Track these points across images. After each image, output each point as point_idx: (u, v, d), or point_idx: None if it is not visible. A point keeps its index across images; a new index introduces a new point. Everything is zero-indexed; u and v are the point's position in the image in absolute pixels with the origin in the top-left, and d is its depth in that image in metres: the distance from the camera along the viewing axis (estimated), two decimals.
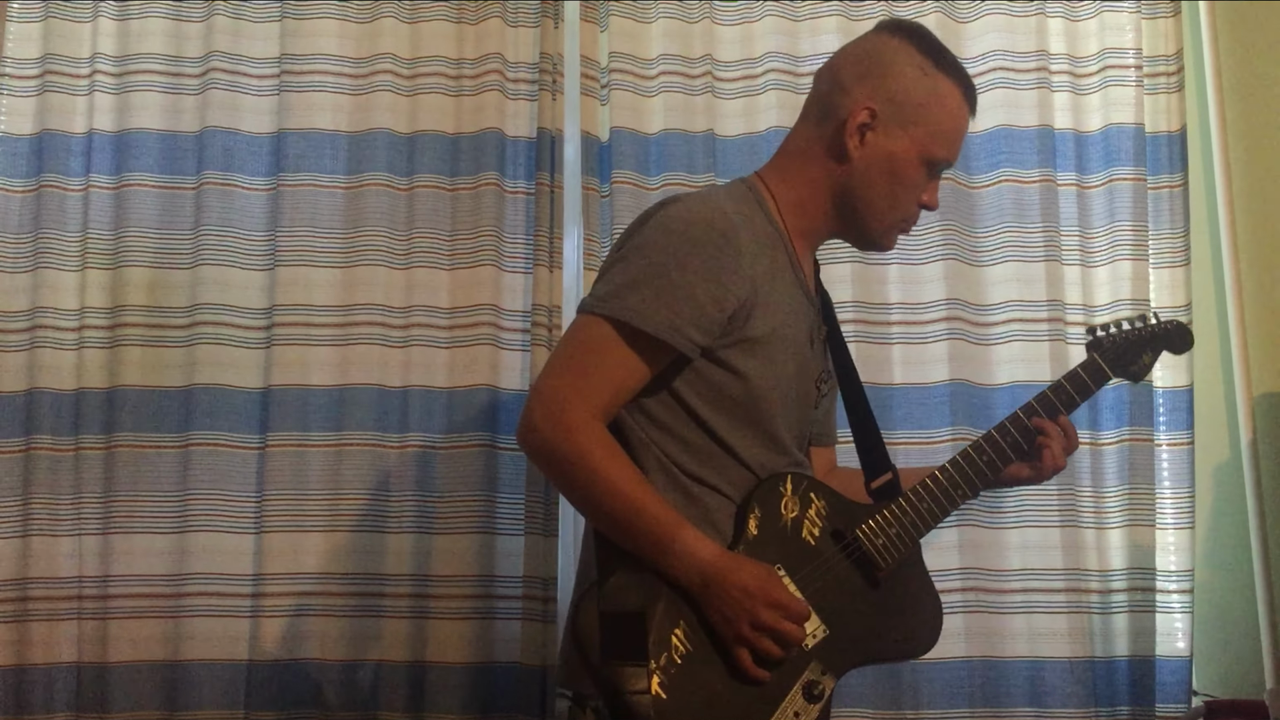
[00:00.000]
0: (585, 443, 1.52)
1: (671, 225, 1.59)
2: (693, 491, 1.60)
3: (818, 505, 1.63)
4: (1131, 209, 2.50)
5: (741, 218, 1.61)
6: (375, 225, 2.47)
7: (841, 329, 1.85)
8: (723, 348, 1.58)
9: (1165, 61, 2.56)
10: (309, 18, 2.54)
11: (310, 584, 2.35)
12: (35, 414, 2.37)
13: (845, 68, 1.70)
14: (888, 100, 1.65)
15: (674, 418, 1.61)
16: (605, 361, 1.54)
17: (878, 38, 1.71)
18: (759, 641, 1.50)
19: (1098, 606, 2.40)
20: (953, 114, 1.68)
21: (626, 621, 1.48)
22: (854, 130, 1.65)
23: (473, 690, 2.31)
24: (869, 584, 1.63)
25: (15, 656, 2.31)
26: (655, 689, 1.47)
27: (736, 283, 1.56)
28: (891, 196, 1.68)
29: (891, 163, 1.66)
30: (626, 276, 1.56)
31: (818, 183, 1.69)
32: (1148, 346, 1.85)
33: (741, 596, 1.50)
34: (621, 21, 2.58)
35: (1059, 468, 1.74)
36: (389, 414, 2.41)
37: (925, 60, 1.66)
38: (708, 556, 1.51)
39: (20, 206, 2.46)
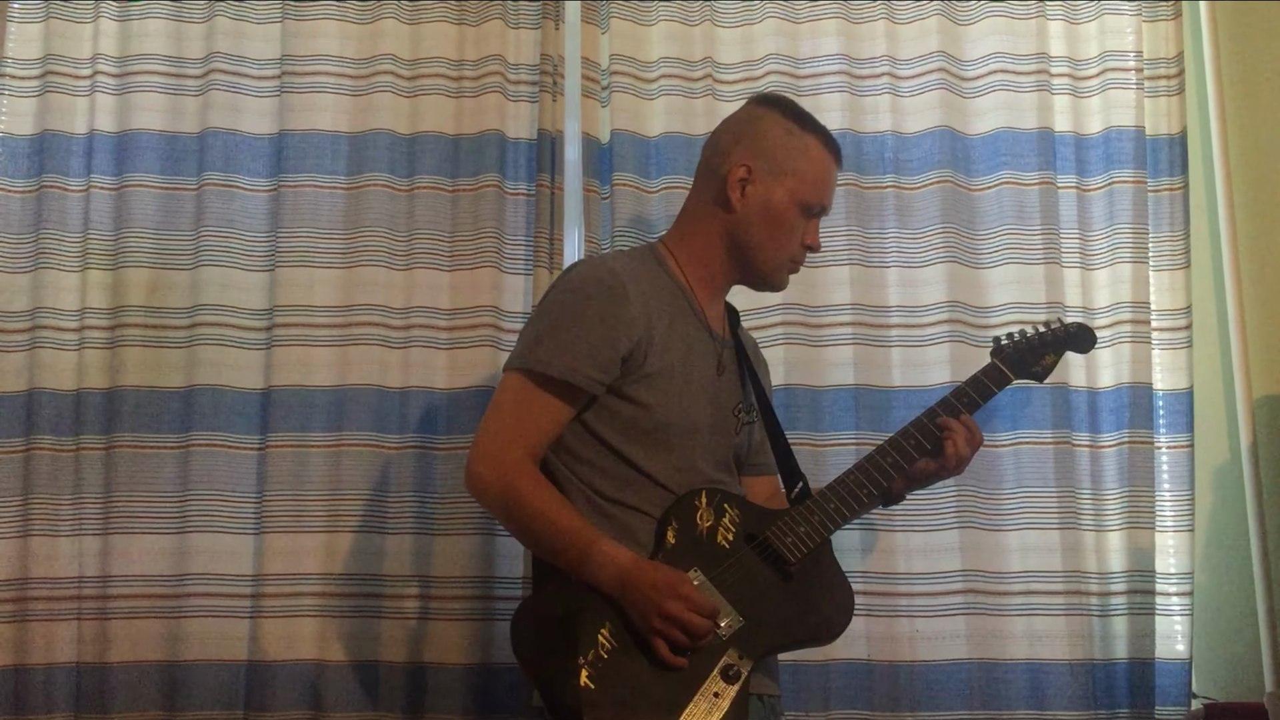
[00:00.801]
0: (515, 477, 1.77)
1: (567, 286, 1.86)
2: (614, 514, 1.81)
3: (731, 514, 1.84)
4: (1132, 212, 2.50)
5: (630, 274, 1.84)
6: (376, 226, 2.47)
7: (832, 335, 2.30)
8: (625, 384, 1.81)
9: (1166, 64, 2.56)
10: (310, 19, 2.55)
11: (310, 584, 2.35)
12: (36, 414, 2.37)
13: (724, 136, 1.97)
14: (761, 157, 1.91)
15: (592, 451, 1.83)
16: (527, 409, 1.79)
17: (750, 108, 1.99)
18: (670, 631, 1.69)
19: (1097, 609, 2.40)
20: (818, 165, 1.92)
21: (556, 625, 1.72)
22: (735, 184, 1.90)
23: (472, 691, 2.31)
24: (782, 578, 1.82)
25: (15, 656, 2.30)
26: (584, 681, 1.67)
27: (626, 326, 1.79)
28: (774, 240, 1.92)
29: (770, 210, 1.90)
30: (534, 334, 1.83)
31: (711, 235, 1.93)
32: (1049, 349, 2.07)
33: (652, 593, 1.69)
34: (622, 23, 2.58)
35: (962, 458, 1.93)
36: (389, 415, 2.41)
37: (790, 123, 1.93)
38: (623, 562, 1.73)
39: (21, 207, 2.47)
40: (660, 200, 2.52)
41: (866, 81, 2.58)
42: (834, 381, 2.47)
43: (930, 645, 2.38)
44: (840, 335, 2.48)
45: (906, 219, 2.53)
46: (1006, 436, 2.45)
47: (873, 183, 2.54)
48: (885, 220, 2.54)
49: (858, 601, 2.34)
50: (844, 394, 2.46)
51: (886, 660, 2.37)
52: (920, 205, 2.53)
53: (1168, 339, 2.49)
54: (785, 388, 2.45)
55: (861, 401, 2.45)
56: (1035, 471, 2.42)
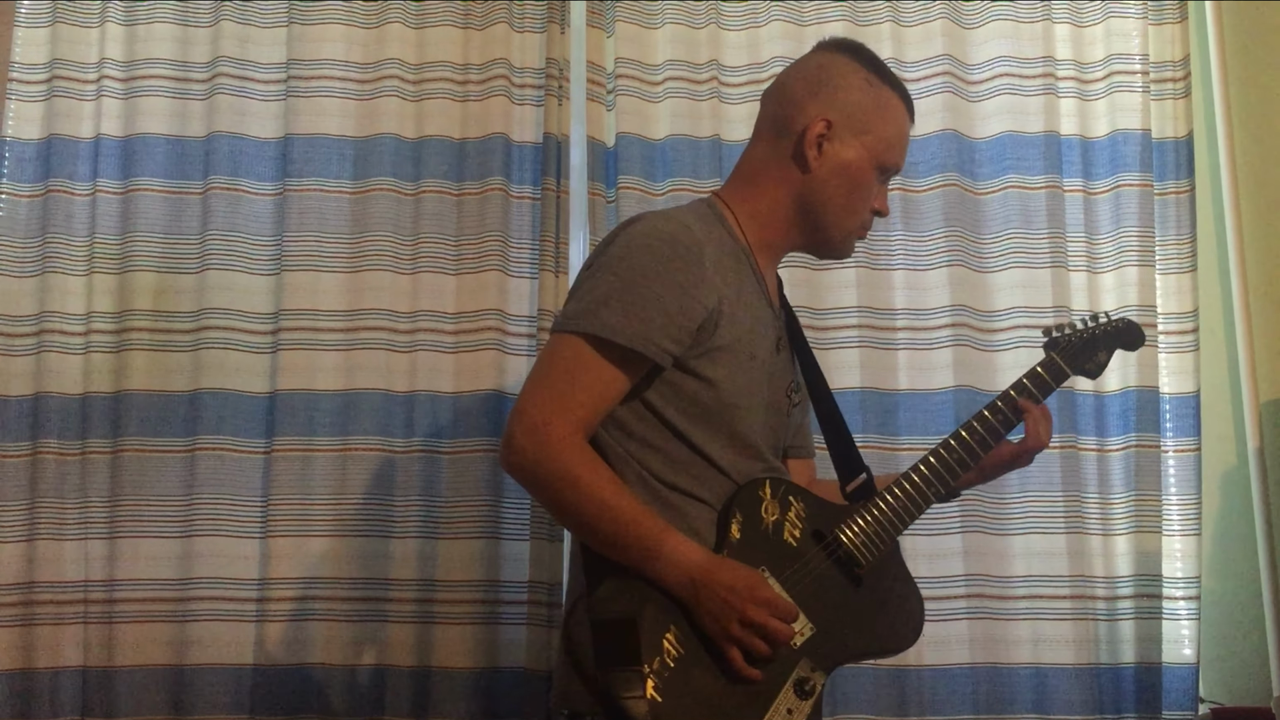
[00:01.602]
0: (568, 458, 1.55)
1: (637, 241, 1.64)
2: (672, 501, 1.63)
3: (797, 508, 1.67)
4: (1138, 215, 2.50)
5: (705, 232, 1.67)
6: (381, 230, 2.47)
7: (838, 338, 1.99)
8: (693, 357, 1.62)
9: (1172, 67, 2.56)
10: (316, 23, 2.55)
11: (315, 588, 2.35)
12: (42, 418, 2.38)
13: (796, 85, 1.77)
14: (842, 110, 1.73)
15: (650, 429, 1.65)
16: (582, 377, 1.58)
17: (823, 55, 1.79)
18: (749, 639, 1.53)
19: (1104, 613, 2.40)
20: (899, 121, 1.77)
21: (618, 628, 1.52)
22: (813, 141, 1.72)
23: (478, 695, 2.31)
24: (851, 582, 1.66)
25: (21, 660, 2.31)
26: (650, 692, 1.50)
27: (702, 293, 1.61)
28: (849, 203, 1.75)
29: (847, 171, 1.73)
30: (597, 293, 1.61)
31: (778, 196, 1.75)
32: (1102, 345, 1.91)
33: (730, 596, 1.53)
34: (628, 27, 2.58)
35: (1042, 443, 1.81)
36: (394, 418, 2.42)
37: (870, 74, 1.75)
38: (696, 560, 1.55)
39: (28, 211, 2.47)
40: (666, 203, 2.51)
41: None
42: (840, 384, 2.46)
43: (935, 650, 2.37)
44: (846, 338, 2.48)
45: (912, 222, 2.53)
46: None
47: None
48: (891, 223, 2.53)
49: None
50: (850, 397, 2.45)
51: (892, 664, 2.36)
52: (926, 208, 2.53)
53: (1174, 342, 2.49)
54: None
55: (867, 404, 2.45)
56: (1041, 475, 2.42)
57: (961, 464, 1.76)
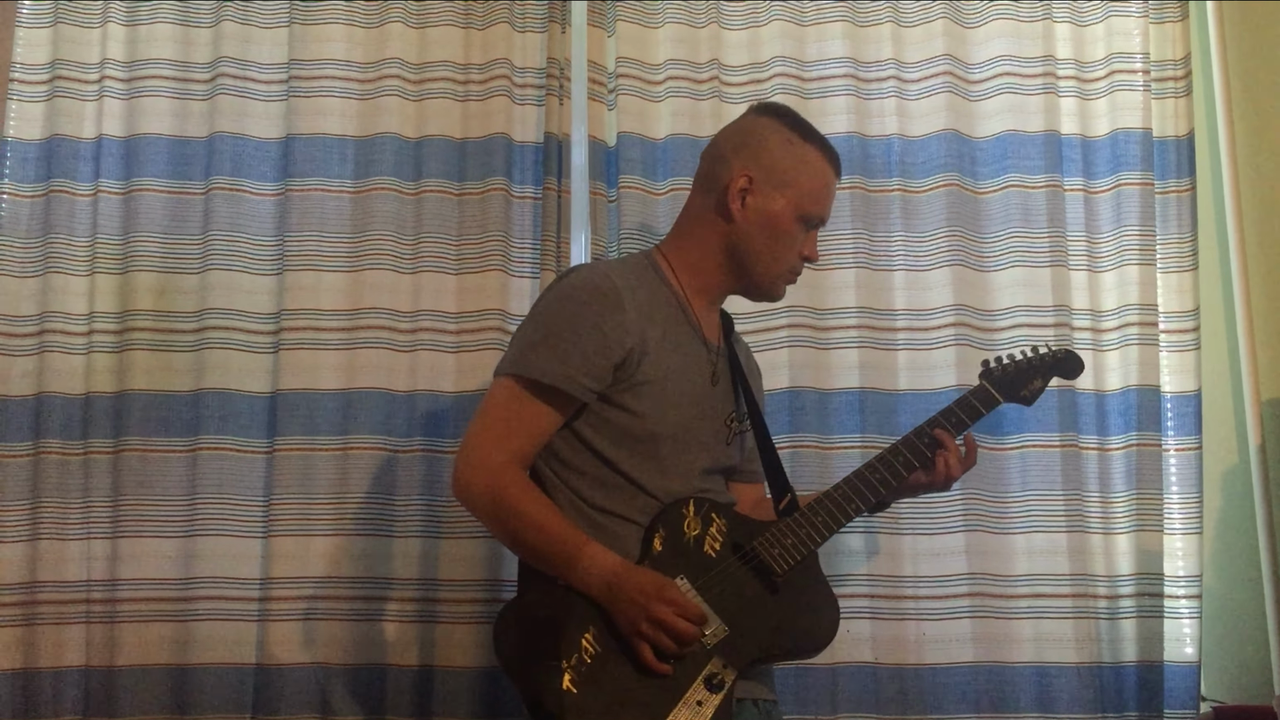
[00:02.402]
0: (502, 482, 1.76)
1: (562, 292, 1.85)
2: (600, 522, 1.80)
3: (719, 523, 1.83)
4: (1139, 214, 2.50)
5: (626, 281, 1.84)
6: (383, 230, 2.48)
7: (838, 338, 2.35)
8: (617, 392, 1.80)
9: (1173, 66, 2.56)
10: (317, 23, 2.55)
11: (318, 588, 2.36)
12: (44, 418, 2.38)
13: (724, 144, 1.95)
14: (762, 168, 1.88)
15: (581, 458, 1.83)
16: (516, 414, 1.79)
17: (750, 118, 1.97)
18: (656, 636, 1.68)
19: (1105, 612, 2.40)
20: (819, 177, 1.91)
21: (540, 628, 1.71)
22: (735, 194, 1.88)
23: (480, 694, 2.31)
24: (768, 589, 1.80)
25: (23, 660, 2.31)
26: (567, 685, 1.66)
27: (620, 335, 1.78)
28: (773, 251, 1.90)
29: (770, 221, 1.88)
30: (527, 340, 1.82)
31: (709, 244, 1.91)
32: (1038, 373, 2.07)
33: (639, 597, 1.69)
34: (629, 27, 2.59)
35: (951, 477, 1.94)
36: (396, 418, 2.42)
37: (791, 134, 1.91)
38: (610, 566, 1.72)
39: (29, 211, 2.47)
40: (667, 203, 2.52)
41: (872, 84, 2.58)
42: (840, 384, 2.46)
43: (937, 648, 2.37)
44: (846, 338, 2.48)
45: (912, 222, 2.53)
46: (1013, 439, 2.44)
47: (879, 186, 2.54)
48: (891, 223, 2.53)
49: (864, 605, 2.38)
50: (850, 397, 2.46)
51: (893, 663, 2.37)
52: (926, 208, 2.53)
53: (1176, 341, 2.49)
54: (791, 390, 2.45)
55: (868, 404, 2.45)
56: (1042, 474, 2.42)
57: (884, 484, 1.90)
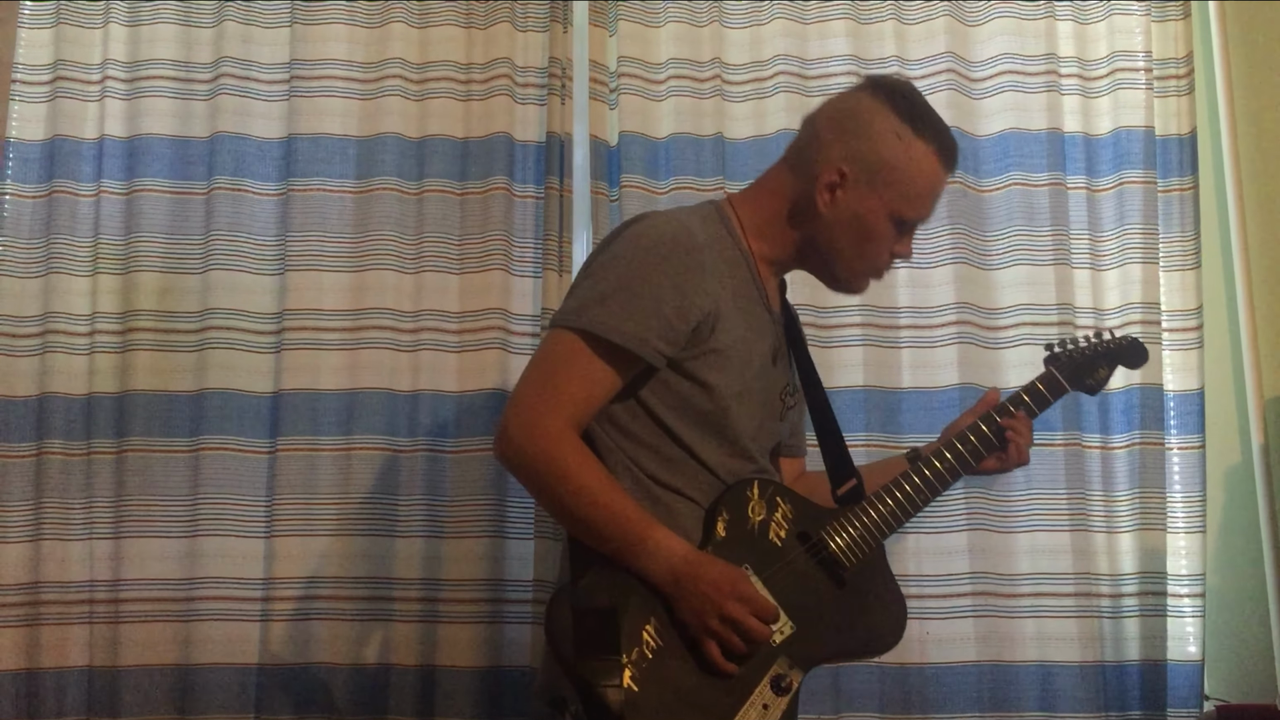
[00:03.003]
0: (558, 450, 1.59)
1: (638, 241, 1.66)
2: (660, 497, 1.67)
3: (784, 509, 1.70)
4: (1142, 212, 2.49)
5: (706, 235, 1.69)
6: (385, 230, 2.47)
7: (841, 336, 2.07)
8: (688, 359, 1.65)
9: (1175, 64, 2.55)
10: (319, 23, 2.55)
11: (320, 588, 2.36)
12: (47, 418, 2.38)
13: (824, 122, 1.76)
14: (859, 162, 1.71)
15: (642, 427, 1.68)
16: (576, 373, 1.61)
17: (859, 96, 1.76)
18: (727, 635, 1.57)
19: (1108, 611, 2.40)
20: (925, 177, 1.73)
21: (598, 618, 1.55)
22: (824, 188, 1.72)
23: (482, 694, 2.31)
24: (835, 583, 1.69)
25: (27, 660, 2.31)
26: (627, 682, 1.53)
27: (700, 296, 1.63)
28: (859, 251, 1.75)
29: (859, 221, 1.73)
30: (595, 291, 1.63)
31: (786, 224, 1.76)
32: (1103, 361, 1.95)
33: (711, 591, 1.56)
34: (630, 25, 2.58)
35: (1023, 461, 1.84)
36: (398, 418, 2.42)
37: (902, 125, 1.72)
38: (679, 554, 1.58)
39: (32, 212, 2.47)
40: (669, 202, 2.52)
41: None
42: (844, 383, 2.46)
43: (940, 647, 2.37)
44: (850, 337, 2.48)
45: None
46: None
47: None
48: None
49: None
50: (854, 395, 2.46)
51: (896, 662, 2.36)
52: None
53: (1178, 340, 2.49)
54: None
55: (871, 403, 2.45)
56: (1046, 473, 2.42)
57: (952, 472, 1.79)
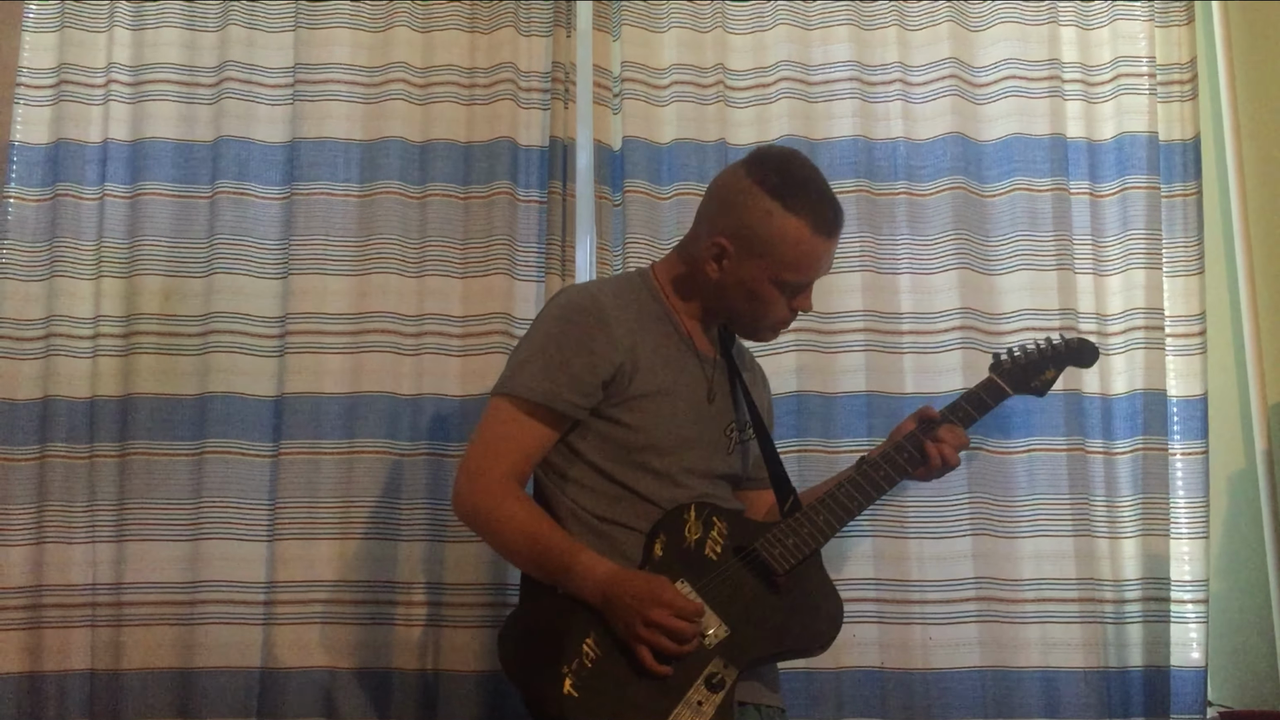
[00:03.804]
0: (498, 496, 1.80)
1: (551, 313, 1.91)
2: (603, 531, 1.84)
3: (720, 526, 1.85)
4: (1145, 217, 2.49)
5: (616, 299, 1.89)
6: (388, 234, 2.48)
7: (844, 341, 2.40)
8: (611, 406, 1.85)
9: (1179, 69, 2.55)
10: (322, 27, 2.56)
11: (322, 591, 2.36)
12: (50, 422, 2.38)
13: (712, 199, 1.95)
14: (736, 236, 1.88)
15: (579, 470, 1.87)
16: (510, 432, 1.83)
17: (738, 173, 1.92)
18: (654, 638, 1.70)
19: (1111, 616, 2.39)
20: (799, 247, 1.87)
21: (542, 635, 1.75)
22: (710, 260, 1.90)
23: (484, 699, 2.31)
24: (770, 588, 1.82)
25: (29, 663, 2.31)
26: (568, 689, 1.68)
27: (608, 352, 1.83)
28: (753, 311, 1.93)
29: (745, 287, 1.90)
30: (518, 359, 1.88)
31: (698, 283, 1.94)
32: (1049, 364, 2.10)
33: (634, 601, 1.70)
34: (634, 31, 2.59)
35: (948, 464, 1.97)
36: (401, 422, 2.42)
37: (772, 202, 1.86)
38: (603, 573, 1.74)
39: (36, 215, 2.48)
40: (672, 207, 2.52)
41: (878, 88, 2.58)
42: (846, 388, 2.46)
43: (943, 653, 2.37)
44: (852, 342, 2.48)
45: (918, 225, 2.53)
46: (1020, 443, 2.44)
47: (884, 189, 2.54)
48: (897, 226, 2.53)
49: (870, 609, 2.38)
50: (856, 400, 2.46)
51: (899, 668, 2.36)
52: (932, 211, 2.53)
53: (1182, 345, 2.49)
54: (797, 394, 2.45)
55: (874, 408, 2.45)
56: (1049, 478, 2.42)
57: (887, 479, 1.93)
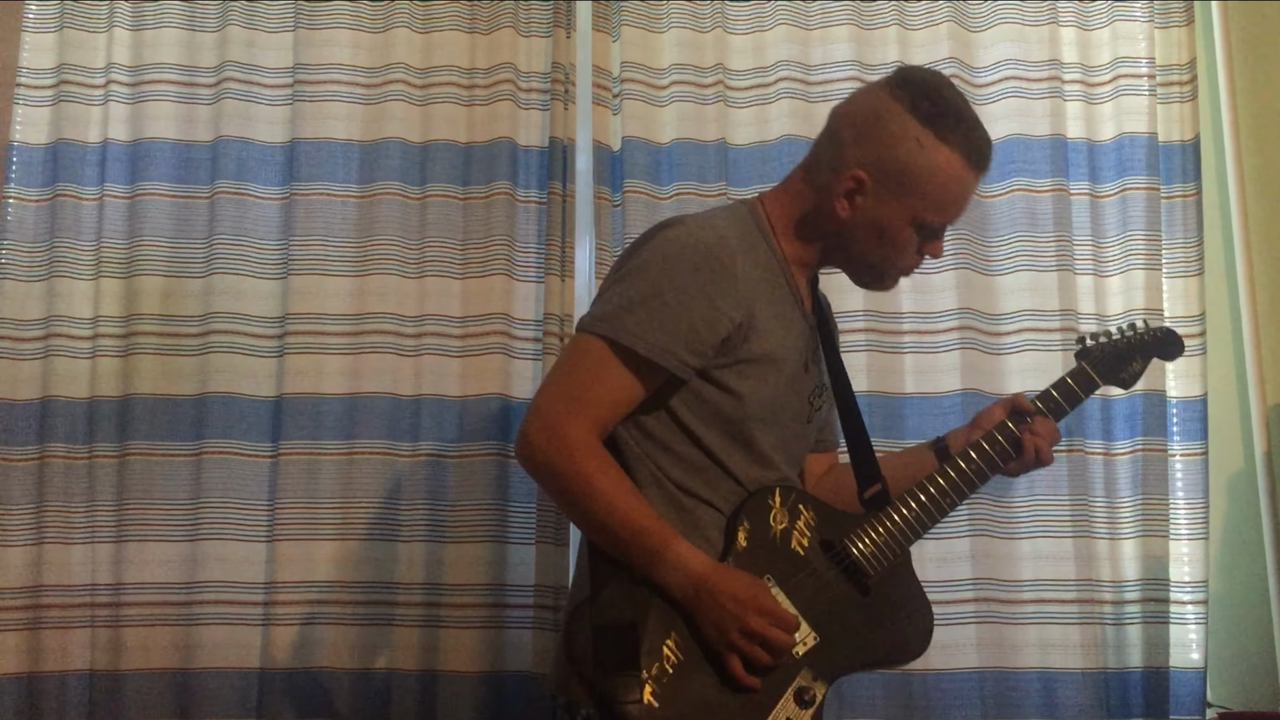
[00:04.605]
0: (581, 458, 1.57)
1: (669, 249, 1.63)
2: (685, 505, 1.64)
3: (806, 516, 1.66)
4: (1145, 218, 2.49)
5: (740, 243, 1.65)
6: (388, 234, 2.48)
7: (844, 341, 1.96)
8: (718, 368, 1.63)
9: (1178, 70, 2.55)
10: (322, 28, 2.56)
11: (322, 592, 2.36)
12: (49, 422, 2.38)
13: (845, 122, 1.71)
14: (878, 168, 1.65)
15: (669, 434, 1.65)
16: (601, 380, 1.59)
17: (880, 96, 1.69)
18: (749, 648, 1.54)
19: (1111, 617, 2.40)
20: (949, 184, 1.66)
21: (619, 633, 1.53)
22: (841, 195, 1.67)
23: (484, 699, 2.31)
24: (859, 591, 1.66)
25: (28, 664, 2.31)
26: (648, 698, 1.51)
27: (731, 307, 1.60)
28: (883, 254, 1.71)
29: (880, 228, 1.68)
30: (624, 298, 1.61)
31: (811, 227, 1.72)
32: (1137, 354, 1.87)
33: (732, 605, 1.53)
34: (633, 31, 2.59)
35: (1044, 463, 1.77)
36: (401, 422, 2.42)
37: (924, 130, 1.64)
38: (699, 567, 1.55)
39: (35, 216, 2.48)
40: (672, 207, 2.52)
41: None
42: None
43: (942, 654, 2.37)
44: (853, 342, 2.47)
45: None
46: None
47: None
48: None
49: None
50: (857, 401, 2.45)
51: (899, 669, 2.36)
52: None
53: None
54: None
55: (874, 409, 2.44)
56: (1048, 479, 2.41)
57: (980, 475, 1.74)
